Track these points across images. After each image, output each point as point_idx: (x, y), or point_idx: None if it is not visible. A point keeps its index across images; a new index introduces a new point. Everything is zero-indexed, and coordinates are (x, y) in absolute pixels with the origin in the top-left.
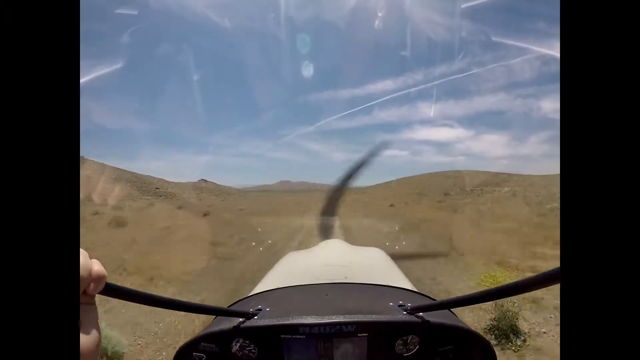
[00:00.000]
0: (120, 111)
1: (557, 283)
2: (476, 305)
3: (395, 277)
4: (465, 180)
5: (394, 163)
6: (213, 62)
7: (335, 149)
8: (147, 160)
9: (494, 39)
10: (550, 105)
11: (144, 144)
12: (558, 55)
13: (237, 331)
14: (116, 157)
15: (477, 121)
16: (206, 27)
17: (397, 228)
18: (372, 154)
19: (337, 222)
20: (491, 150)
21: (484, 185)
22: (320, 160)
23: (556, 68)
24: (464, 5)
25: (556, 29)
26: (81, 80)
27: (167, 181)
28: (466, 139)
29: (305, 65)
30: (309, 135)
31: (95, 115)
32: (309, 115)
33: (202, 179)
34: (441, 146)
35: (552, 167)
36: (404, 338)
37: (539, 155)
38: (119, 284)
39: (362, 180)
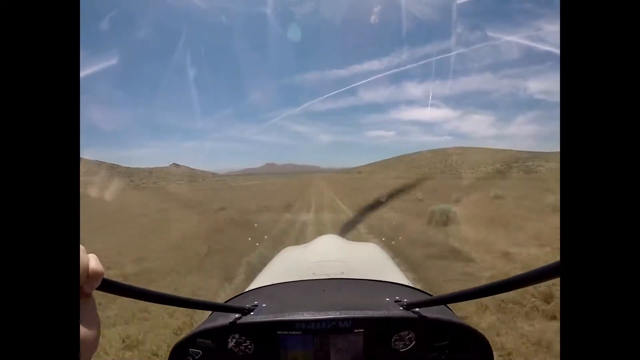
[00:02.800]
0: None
1: (557, 277)
2: None
3: (392, 272)
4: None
5: (381, 143)
6: (196, 44)
7: (321, 131)
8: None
9: (488, 31)
10: (537, 86)
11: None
12: (542, 38)
13: (233, 327)
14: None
15: (464, 101)
16: (188, 7)
17: None
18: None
19: None
20: (478, 130)
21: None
22: (306, 142)
23: (543, 48)
24: None
25: (544, 10)
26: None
27: (121, 166)
28: (453, 119)
29: (290, 45)
30: (295, 117)
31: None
32: (294, 97)
33: (173, 163)
34: (428, 126)
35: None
36: (400, 333)
37: (525, 135)
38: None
39: (351, 161)
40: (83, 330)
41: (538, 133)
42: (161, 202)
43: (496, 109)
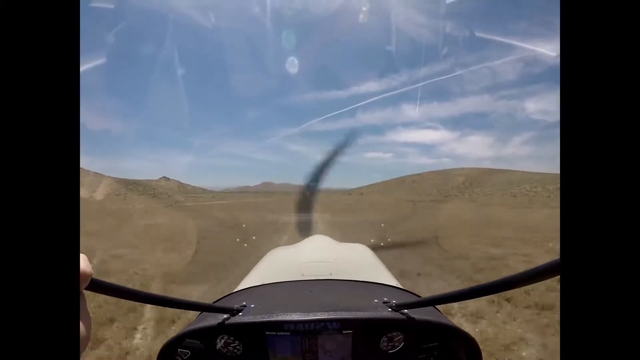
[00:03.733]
0: (96, 109)
1: (556, 276)
2: None
3: (381, 273)
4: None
5: (378, 165)
6: (197, 62)
7: (319, 151)
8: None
9: (478, 34)
10: (534, 106)
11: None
12: (539, 53)
13: (221, 328)
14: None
15: (461, 123)
16: (191, 26)
17: None
18: (343, 146)
19: None
20: (475, 152)
21: None
22: (304, 162)
23: (539, 69)
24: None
25: (538, 30)
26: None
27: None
28: (450, 140)
29: (290, 65)
30: (293, 137)
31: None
32: (293, 117)
33: (163, 177)
34: (425, 148)
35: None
36: (389, 335)
37: (522, 156)
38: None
39: (349, 183)
40: None
41: (536, 154)
42: None
43: (493, 130)
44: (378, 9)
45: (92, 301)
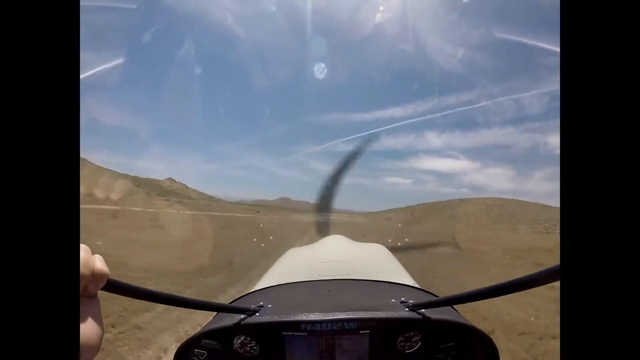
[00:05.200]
0: (123, 110)
1: (557, 280)
2: None
3: (398, 273)
4: None
5: (396, 190)
6: (227, 73)
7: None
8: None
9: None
10: (556, 141)
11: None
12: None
13: (238, 328)
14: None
15: (482, 154)
16: (223, 36)
17: None
18: (363, 146)
19: None
20: (495, 184)
21: None
22: (323, 181)
23: None
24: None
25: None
26: (98, 79)
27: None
28: (470, 171)
29: (320, 84)
30: (315, 155)
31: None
32: (318, 135)
33: (168, 178)
34: (445, 177)
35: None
36: (406, 335)
37: (544, 192)
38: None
39: (367, 206)
40: (86, 331)
41: (557, 190)
42: None
43: (514, 164)
44: (411, 38)
45: None
